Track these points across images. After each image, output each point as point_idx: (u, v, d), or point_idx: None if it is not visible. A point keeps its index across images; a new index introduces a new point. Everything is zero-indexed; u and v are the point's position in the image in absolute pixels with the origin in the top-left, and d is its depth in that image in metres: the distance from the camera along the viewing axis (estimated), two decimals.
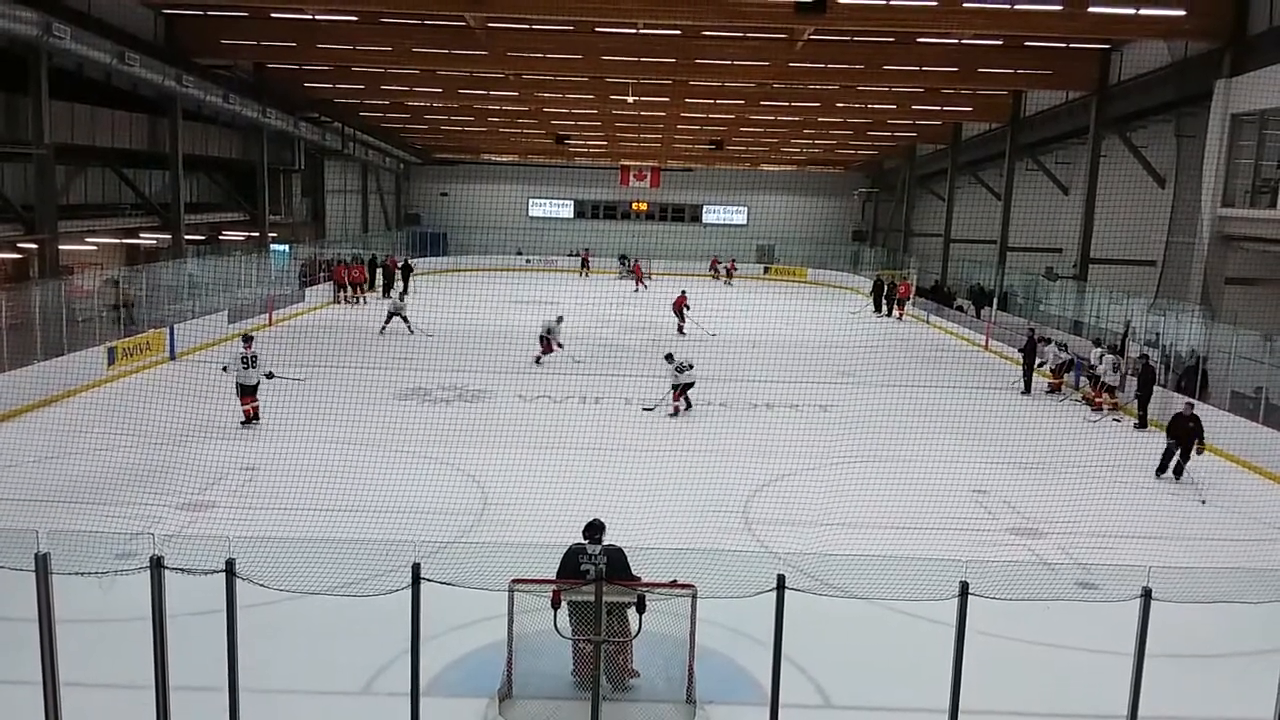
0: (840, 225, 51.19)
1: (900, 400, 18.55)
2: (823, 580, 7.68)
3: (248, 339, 15.98)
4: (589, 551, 7.17)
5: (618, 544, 7.31)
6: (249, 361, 15.24)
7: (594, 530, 7.28)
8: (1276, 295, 18.99)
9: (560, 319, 22.36)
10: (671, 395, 17.14)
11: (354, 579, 6.86)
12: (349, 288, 32.96)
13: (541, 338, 21.89)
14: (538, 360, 21.50)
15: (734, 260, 46.38)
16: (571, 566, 7.09)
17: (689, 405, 17.33)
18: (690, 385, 17.21)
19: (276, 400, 16.33)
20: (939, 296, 34.60)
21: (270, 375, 15.55)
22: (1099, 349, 19.47)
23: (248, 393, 15.31)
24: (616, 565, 7.11)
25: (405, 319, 25.37)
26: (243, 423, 15.30)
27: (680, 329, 27.13)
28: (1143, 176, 24.71)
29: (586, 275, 44.90)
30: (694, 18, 20.64)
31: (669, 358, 17.54)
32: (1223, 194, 19.08)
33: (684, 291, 28.46)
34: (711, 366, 21.43)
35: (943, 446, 15.47)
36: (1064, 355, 20.68)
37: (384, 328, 25.44)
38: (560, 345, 21.93)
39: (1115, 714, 6.39)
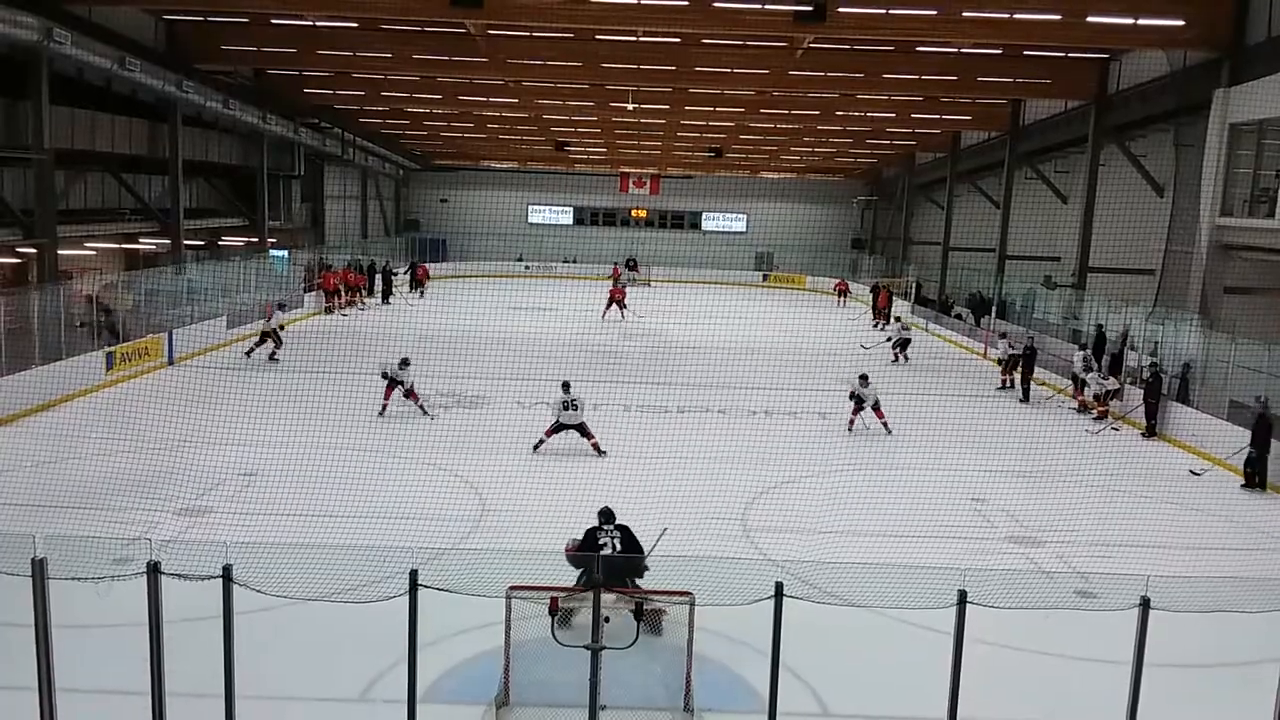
0: (839, 233, 51.23)
1: (899, 408, 18.51)
2: (821, 588, 7.64)
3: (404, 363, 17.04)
4: (605, 528, 8.59)
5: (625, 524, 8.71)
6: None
7: (607, 516, 8.79)
8: (1275, 304, 19.01)
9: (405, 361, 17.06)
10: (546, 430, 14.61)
11: (351, 585, 6.83)
12: (341, 293, 32.83)
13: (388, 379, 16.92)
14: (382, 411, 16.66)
15: (617, 267, 42.15)
16: (591, 542, 8.40)
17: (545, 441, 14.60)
18: (565, 427, 14.55)
19: (274, 405, 16.30)
20: (923, 302, 34.71)
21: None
22: (1082, 352, 19.67)
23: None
24: (629, 539, 8.54)
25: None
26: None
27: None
28: (1141, 185, 24.74)
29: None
30: (694, 26, 20.71)
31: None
32: (1221, 203, 19.11)
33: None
34: (710, 373, 21.46)
35: (941, 455, 15.47)
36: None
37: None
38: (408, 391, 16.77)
39: None
